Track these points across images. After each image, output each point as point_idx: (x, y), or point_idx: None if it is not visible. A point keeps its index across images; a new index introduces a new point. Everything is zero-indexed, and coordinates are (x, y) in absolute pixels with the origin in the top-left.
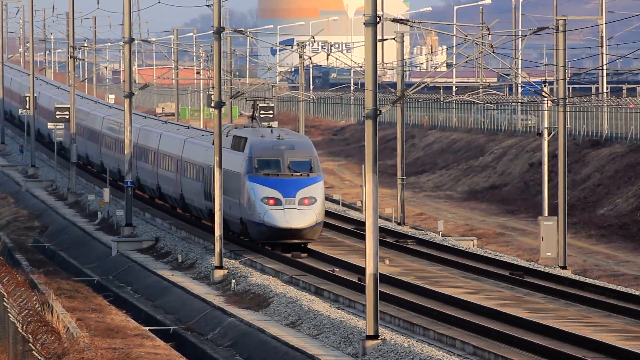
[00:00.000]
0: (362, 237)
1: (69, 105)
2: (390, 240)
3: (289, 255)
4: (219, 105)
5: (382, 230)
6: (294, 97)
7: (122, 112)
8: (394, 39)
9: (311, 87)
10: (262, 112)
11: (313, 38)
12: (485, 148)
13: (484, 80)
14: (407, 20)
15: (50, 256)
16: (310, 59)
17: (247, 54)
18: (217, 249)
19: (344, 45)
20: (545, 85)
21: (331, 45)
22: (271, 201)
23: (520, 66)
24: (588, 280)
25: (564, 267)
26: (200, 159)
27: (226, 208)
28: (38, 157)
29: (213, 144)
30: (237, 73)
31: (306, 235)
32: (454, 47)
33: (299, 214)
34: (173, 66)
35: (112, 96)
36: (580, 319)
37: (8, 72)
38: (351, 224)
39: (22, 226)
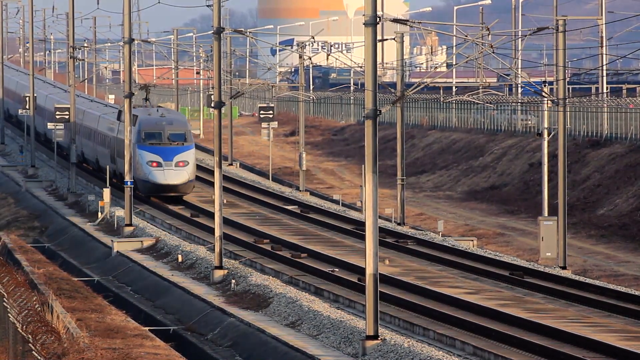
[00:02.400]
0: (362, 237)
1: (68, 105)
2: (390, 241)
3: (289, 255)
4: (219, 105)
5: (382, 230)
6: (294, 97)
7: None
8: (394, 39)
9: (311, 87)
10: (262, 112)
11: (313, 38)
12: (485, 148)
13: (484, 81)
14: (407, 21)
15: (50, 256)
16: (310, 59)
17: (247, 54)
18: (217, 249)
19: (343, 45)
20: (545, 86)
21: (331, 46)
22: (154, 164)
23: (520, 66)
24: (588, 281)
25: (563, 267)
26: (108, 131)
27: (122, 169)
28: (38, 158)
29: (117, 119)
30: (237, 73)
31: (181, 190)
32: (454, 47)
33: (175, 173)
34: (173, 66)
35: (112, 96)
36: (580, 319)
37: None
38: (351, 224)
39: (22, 226)
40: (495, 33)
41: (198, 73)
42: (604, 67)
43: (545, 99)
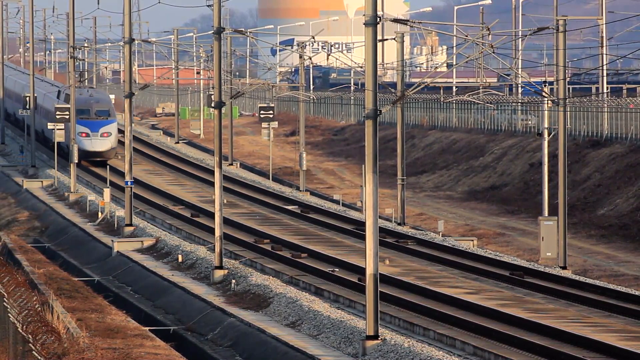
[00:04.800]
0: (362, 237)
1: (69, 106)
2: (391, 241)
3: (289, 255)
4: (219, 105)
5: (382, 230)
6: (294, 97)
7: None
8: (394, 39)
9: (311, 87)
10: (262, 112)
11: (313, 38)
12: (485, 148)
13: (484, 81)
14: (407, 21)
15: (51, 256)
16: (311, 59)
17: (247, 54)
18: (217, 249)
19: (344, 45)
20: (545, 86)
21: (331, 46)
22: (84, 134)
23: (520, 66)
24: (588, 281)
25: (564, 267)
26: (50, 107)
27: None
28: (38, 157)
29: (57, 97)
30: (237, 73)
31: (105, 155)
32: (454, 48)
33: (100, 142)
34: (173, 66)
35: (112, 96)
36: (581, 319)
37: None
38: (351, 224)
39: (22, 226)
40: (495, 33)
41: (198, 73)
42: (604, 67)
43: (546, 99)
